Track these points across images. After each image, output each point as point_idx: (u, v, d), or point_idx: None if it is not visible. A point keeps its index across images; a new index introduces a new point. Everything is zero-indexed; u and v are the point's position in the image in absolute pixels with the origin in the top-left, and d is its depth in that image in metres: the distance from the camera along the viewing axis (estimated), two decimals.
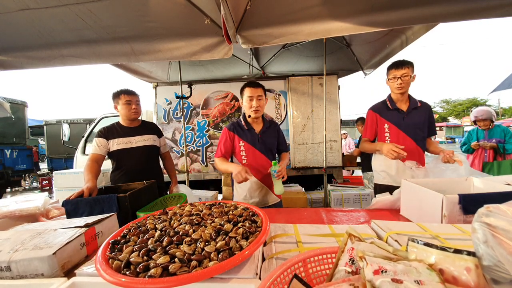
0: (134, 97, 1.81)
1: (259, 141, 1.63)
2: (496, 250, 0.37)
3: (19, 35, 1.59)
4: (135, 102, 1.81)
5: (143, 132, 1.87)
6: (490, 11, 1.26)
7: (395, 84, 1.67)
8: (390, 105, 1.76)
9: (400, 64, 1.65)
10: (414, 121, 1.71)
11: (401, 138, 1.70)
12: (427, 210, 1.02)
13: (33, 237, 0.81)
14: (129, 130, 1.83)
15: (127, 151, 1.77)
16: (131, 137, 1.81)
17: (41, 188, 7.56)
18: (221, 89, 3.55)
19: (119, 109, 1.80)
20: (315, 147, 3.43)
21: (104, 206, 1.14)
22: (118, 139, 1.77)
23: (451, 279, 0.40)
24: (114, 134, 1.78)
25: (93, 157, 1.69)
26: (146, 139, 1.85)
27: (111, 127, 1.83)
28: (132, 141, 1.80)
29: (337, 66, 3.72)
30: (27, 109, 7.29)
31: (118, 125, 1.85)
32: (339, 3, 1.41)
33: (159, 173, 1.94)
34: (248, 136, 1.63)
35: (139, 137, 1.83)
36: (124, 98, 1.77)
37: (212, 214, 0.87)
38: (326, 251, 0.56)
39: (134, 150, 1.79)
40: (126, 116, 1.80)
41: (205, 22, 1.46)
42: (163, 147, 2.01)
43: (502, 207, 0.41)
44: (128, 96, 1.79)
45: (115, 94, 1.82)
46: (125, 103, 1.77)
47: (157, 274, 0.55)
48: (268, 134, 1.68)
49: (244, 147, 1.63)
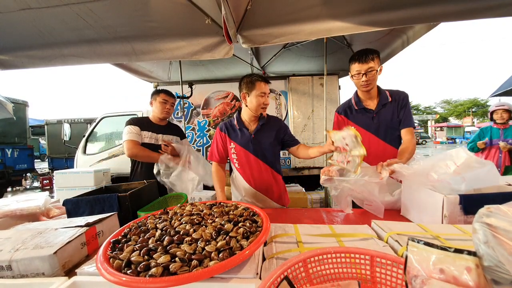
0: (171, 99, 1.89)
1: (252, 142, 1.47)
2: (497, 251, 0.37)
3: (20, 35, 1.60)
4: (170, 103, 1.89)
5: (169, 132, 1.93)
6: (490, 11, 1.26)
7: (360, 81, 1.40)
8: (356, 105, 1.51)
9: (364, 56, 1.35)
10: (385, 120, 1.45)
11: (372, 141, 1.46)
12: (427, 210, 1.02)
13: (34, 236, 0.81)
14: (157, 127, 1.89)
15: (154, 146, 1.82)
16: (158, 134, 1.87)
17: (42, 188, 7.58)
18: (222, 89, 3.55)
19: (154, 105, 1.87)
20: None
21: (105, 205, 1.14)
22: (148, 132, 1.83)
23: (452, 279, 0.40)
24: (145, 127, 1.84)
25: (133, 143, 1.73)
26: (170, 139, 1.90)
27: (142, 119, 1.90)
28: (158, 138, 1.86)
29: (337, 66, 3.72)
30: (28, 108, 7.31)
31: (148, 120, 1.91)
32: (339, 3, 1.41)
33: None
34: (240, 137, 1.48)
35: (164, 136, 1.89)
36: (162, 97, 1.85)
37: (212, 214, 0.87)
38: (326, 251, 0.56)
39: (158, 147, 1.83)
40: (158, 114, 1.87)
41: (206, 22, 1.46)
42: None
43: (502, 207, 0.41)
44: (166, 96, 1.86)
45: (155, 91, 1.89)
46: (162, 101, 1.84)
47: (158, 273, 0.55)
48: (264, 132, 1.50)
49: (235, 149, 1.49)
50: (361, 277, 0.53)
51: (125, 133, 1.77)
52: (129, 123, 1.81)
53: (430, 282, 0.40)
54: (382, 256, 0.53)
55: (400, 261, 0.50)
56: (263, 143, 1.48)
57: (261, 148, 1.49)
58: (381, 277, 0.52)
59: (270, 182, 1.53)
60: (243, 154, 1.49)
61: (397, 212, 1.23)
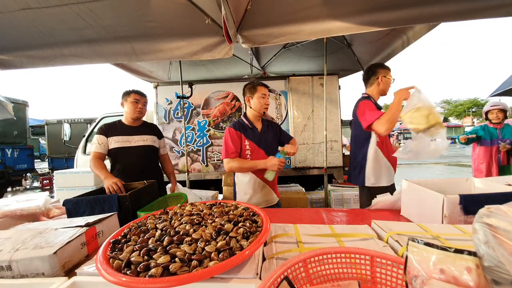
0: (142, 98, 1.87)
1: (261, 139, 1.68)
2: (497, 251, 0.37)
3: (20, 35, 1.60)
4: (142, 103, 1.86)
5: (143, 132, 1.88)
6: (491, 11, 1.26)
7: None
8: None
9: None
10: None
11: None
12: (427, 210, 1.02)
13: (34, 236, 0.81)
14: (129, 128, 1.85)
15: (125, 149, 1.78)
16: (131, 136, 1.83)
17: (42, 188, 7.59)
18: (222, 89, 3.55)
19: (125, 106, 1.84)
20: (316, 147, 3.42)
21: (105, 205, 1.14)
22: (117, 136, 1.79)
23: (452, 279, 0.40)
24: (114, 132, 1.80)
25: (95, 155, 1.71)
26: (146, 139, 1.86)
27: (112, 124, 1.86)
28: (131, 140, 1.82)
29: (338, 66, 3.72)
30: (28, 108, 7.30)
31: (120, 123, 1.87)
32: (339, 3, 1.41)
33: (157, 173, 1.95)
34: (252, 135, 1.67)
35: (138, 137, 1.84)
36: (133, 97, 1.82)
37: (212, 214, 0.87)
38: (326, 251, 0.56)
39: (132, 149, 1.80)
40: (130, 114, 1.84)
41: (206, 22, 1.46)
42: (162, 149, 2.02)
43: (503, 207, 0.41)
44: (137, 95, 1.84)
45: (125, 92, 1.87)
46: (133, 101, 1.82)
47: (158, 273, 0.55)
48: (268, 133, 1.74)
49: (249, 146, 1.66)
50: (361, 277, 0.53)
51: (91, 144, 1.77)
52: (97, 132, 1.79)
53: (430, 282, 0.40)
54: (382, 256, 0.52)
55: (400, 261, 0.50)
56: (268, 140, 1.71)
57: (267, 145, 1.69)
58: (381, 277, 0.52)
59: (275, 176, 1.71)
60: (255, 150, 1.66)
61: (397, 212, 1.23)
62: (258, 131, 1.69)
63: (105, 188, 1.43)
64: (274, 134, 1.76)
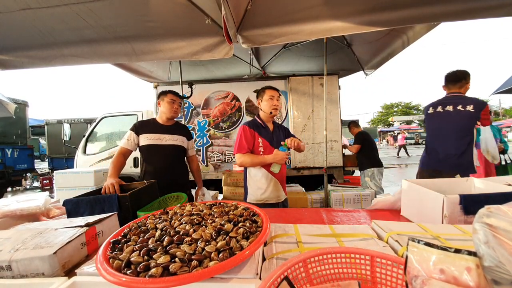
0: (178, 99, 1.92)
1: (273, 139, 1.81)
2: (497, 251, 0.37)
3: (20, 35, 1.60)
4: (177, 103, 1.91)
5: (175, 131, 1.93)
6: (490, 11, 1.26)
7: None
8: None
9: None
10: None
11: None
12: (427, 210, 1.02)
13: (34, 236, 0.81)
14: (162, 127, 1.90)
15: (155, 147, 1.82)
16: (163, 134, 1.87)
17: (42, 188, 7.59)
18: (222, 89, 3.55)
19: (162, 106, 1.89)
20: (316, 147, 3.43)
21: (105, 205, 1.14)
22: (150, 134, 1.83)
23: (452, 279, 0.40)
24: (146, 129, 1.85)
25: (121, 150, 1.77)
26: (176, 139, 1.90)
27: (146, 122, 1.93)
28: (162, 138, 1.86)
29: (337, 66, 3.72)
30: (28, 108, 7.31)
31: (154, 121, 1.93)
32: (339, 3, 1.41)
33: (184, 172, 2.01)
34: (266, 133, 1.80)
35: (169, 136, 1.89)
36: (170, 97, 1.87)
37: (212, 214, 0.86)
38: (326, 251, 0.56)
39: (162, 147, 1.84)
40: (166, 113, 1.88)
41: (206, 22, 1.46)
42: (191, 150, 2.06)
43: (503, 207, 0.41)
44: (174, 96, 1.89)
45: (162, 92, 1.92)
46: (170, 101, 1.87)
47: (158, 273, 0.55)
48: (279, 133, 1.89)
49: (262, 143, 1.78)
50: (361, 277, 0.53)
51: (123, 138, 1.84)
52: (130, 128, 1.85)
53: (430, 282, 0.40)
54: (382, 256, 0.52)
55: (400, 261, 0.50)
56: (279, 139, 1.81)
57: (279, 143, 1.75)
58: (381, 277, 0.52)
59: (283, 172, 1.85)
60: (268, 148, 1.77)
61: (397, 212, 1.23)
62: (270, 131, 1.83)
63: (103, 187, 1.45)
64: (283, 135, 1.91)
